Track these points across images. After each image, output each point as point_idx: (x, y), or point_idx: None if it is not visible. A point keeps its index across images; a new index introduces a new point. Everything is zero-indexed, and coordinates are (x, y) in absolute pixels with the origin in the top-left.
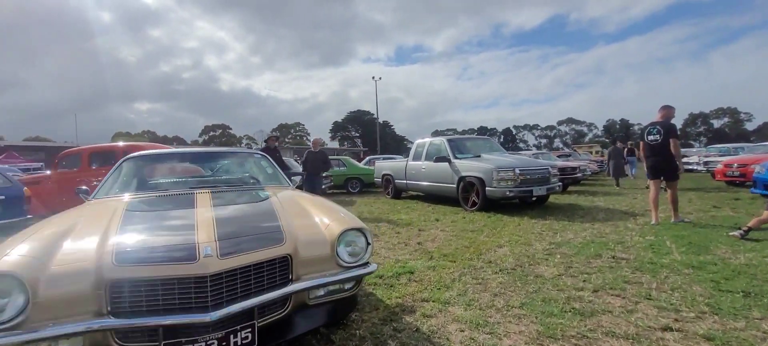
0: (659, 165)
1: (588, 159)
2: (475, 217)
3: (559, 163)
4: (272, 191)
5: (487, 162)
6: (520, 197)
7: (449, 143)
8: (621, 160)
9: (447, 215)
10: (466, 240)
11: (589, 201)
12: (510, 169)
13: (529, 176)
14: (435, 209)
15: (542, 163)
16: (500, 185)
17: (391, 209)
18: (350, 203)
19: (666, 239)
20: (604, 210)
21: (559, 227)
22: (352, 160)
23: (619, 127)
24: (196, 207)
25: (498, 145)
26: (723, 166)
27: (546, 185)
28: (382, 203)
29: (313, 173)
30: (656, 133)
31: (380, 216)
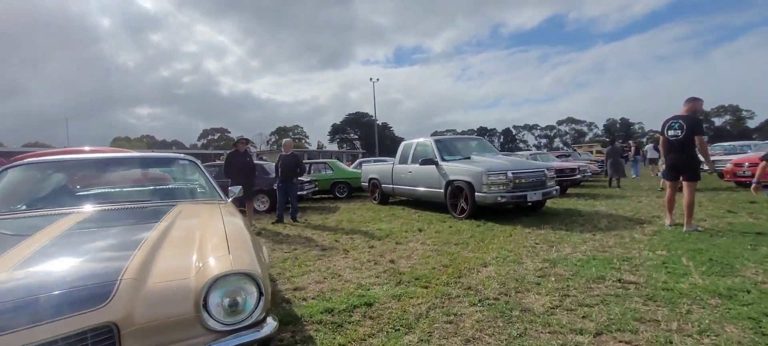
0: (680, 163)
1: (588, 159)
2: (463, 226)
3: (557, 164)
4: (179, 210)
5: (476, 164)
6: (513, 203)
7: (437, 144)
8: (619, 160)
9: (433, 223)
10: (447, 257)
11: (589, 205)
12: (501, 172)
13: (522, 179)
14: (421, 217)
15: (537, 165)
16: (491, 189)
17: (374, 216)
18: (333, 209)
19: (680, 253)
20: (607, 216)
21: (555, 238)
22: (338, 163)
23: (619, 126)
24: (30, 238)
25: (491, 145)
26: (732, 166)
27: (542, 189)
28: (366, 210)
29: (285, 179)
30: (678, 128)
31: (358, 226)
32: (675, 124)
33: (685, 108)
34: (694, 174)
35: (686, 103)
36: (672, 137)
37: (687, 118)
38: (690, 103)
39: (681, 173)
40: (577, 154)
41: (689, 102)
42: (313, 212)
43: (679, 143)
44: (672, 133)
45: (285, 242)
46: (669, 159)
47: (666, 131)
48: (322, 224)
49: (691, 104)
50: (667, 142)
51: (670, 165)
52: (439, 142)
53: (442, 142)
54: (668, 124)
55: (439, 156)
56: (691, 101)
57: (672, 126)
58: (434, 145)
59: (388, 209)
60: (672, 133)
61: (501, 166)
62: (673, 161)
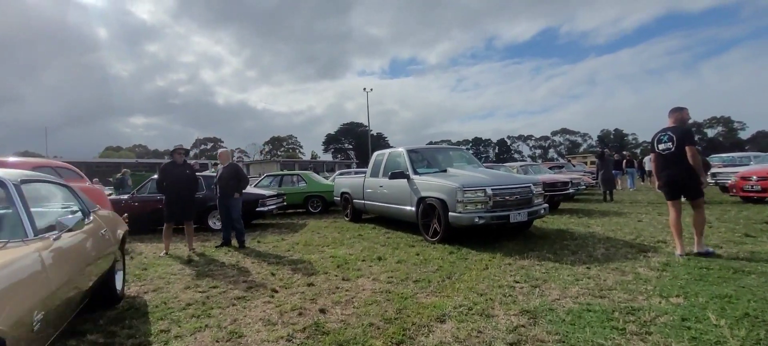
0: (676, 180)
1: (582, 171)
2: (432, 254)
3: (547, 177)
4: None
5: (451, 179)
6: (493, 224)
7: (409, 155)
8: (611, 173)
9: (399, 248)
10: (397, 303)
11: (583, 225)
12: (479, 188)
13: (505, 196)
14: (390, 239)
15: (523, 180)
16: (467, 209)
17: (337, 237)
18: (297, 228)
19: (703, 302)
20: (603, 241)
21: (540, 273)
22: (312, 175)
23: (613, 137)
24: None
25: (472, 157)
26: (739, 180)
27: (527, 207)
28: (333, 229)
29: (224, 194)
30: (667, 140)
31: (312, 251)
32: (664, 137)
33: (671, 119)
34: (696, 191)
35: (671, 114)
36: (664, 152)
37: (676, 130)
38: (675, 114)
39: (681, 191)
40: (571, 165)
41: (674, 112)
42: (274, 231)
43: (673, 157)
44: (663, 147)
45: (211, 274)
46: (663, 176)
47: (656, 146)
48: (273, 248)
49: (677, 114)
50: (659, 158)
51: (666, 182)
52: (412, 152)
53: (417, 153)
54: (657, 138)
55: (411, 168)
56: (676, 111)
57: (661, 139)
58: (406, 155)
59: (357, 228)
60: (663, 148)
61: (479, 182)
62: (669, 178)
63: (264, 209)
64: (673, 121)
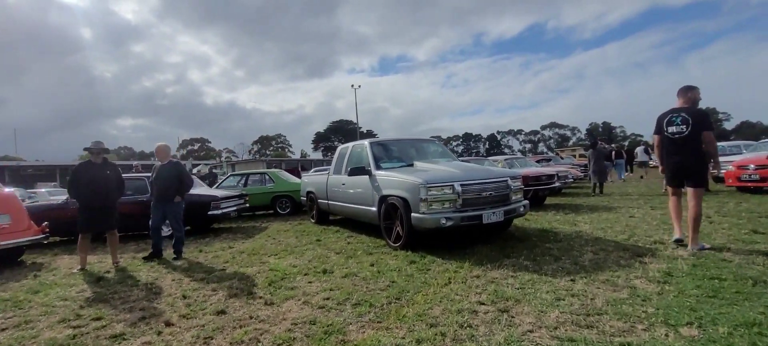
0: (685, 166)
1: (570, 164)
2: (390, 264)
3: (531, 170)
4: None
5: (415, 174)
6: (463, 226)
7: (372, 148)
8: (603, 164)
9: (354, 257)
10: (318, 341)
11: (569, 223)
12: (445, 183)
13: (477, 192)
14: (349, 245)
15: (498, 174)
16: (431, 209)
17: (292, 244)
18: (254, 232)
19: (725, 332)
20: (592, 242)
21: (513, 291)
22: (281, 174)
23: (601, 130)
24: None
25: (446, 149)
26: (735, 169)
27: (504, 205)
28: (293, 233)
29: (162, 197)
30: (681, 122)
31: (253, 262)
32: (677, 119)
33: (682, 99)
34: (701, 179)
35: (684, 93)
36: (675, 135)
37: (692, 111)
38: (689, 93)
39: (686, 177)
40: (558, 158)
41: (687, 92)
42: (226, 237)
43: (685, 142)
44: (675, 129)
45: (108, 298)
46: (672, 161)
47: (666, 128)
48: (213, 258)
49: (691, 94)
50: (669, 142)
51: (674, 168)
52: (376, 145)
53: (382, 146)
54: (668, 119)
55: (374, 163)
56: (688, 90)
57: (673, 121)
58: (369, 149)
59: (320, 231)
60: (675, 130)
61: (446, 176)
62: (678, 164)
63: (217, 213)
64: (684, 101)
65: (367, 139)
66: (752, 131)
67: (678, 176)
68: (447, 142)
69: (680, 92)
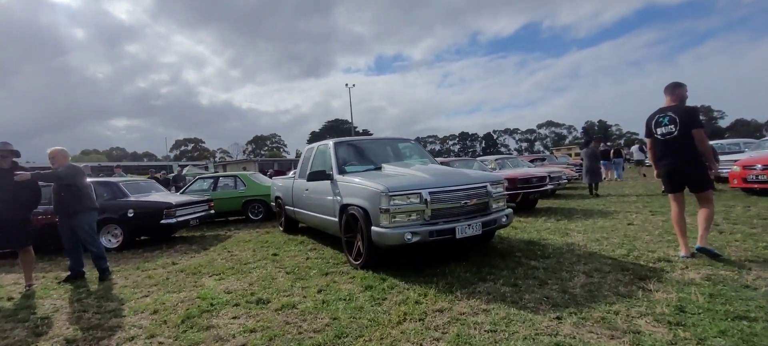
0: (680, 169)
1: (565, 163)
2: (343, 289)
3: (520, 172)
4: None
5: (379, 179)
6: (434, 242)
7: (336, 149)
8: (597, 165)
9: (306, 279)
10: None
11: (561, 231)
12: (411, 190)
13: (449, 201)
14: (308, 261)
15: (476, 179)
16: (394, 221)
17: (244, 259)
18: (212, 242)
19: None
20: (585, 259)
21: (479, 337)
22: (253, 177)
23: (597, 128)
24: None
25: (424, 150)
26: (740, 169)
27: (482, 215)
28: (252, 245)
29: (61, 211)
30: (668, 122)
31: (186, 285)
32: (664, 119)
33: (669, 98)
34: (704, 181)
35: (671, 91)
36: (664, 136)
37: (679, 110)
38: (676, 91)
39: (685, 182)
40: (553, 157)
41: (674, 89)
42: (179, 249)
43: (675, 143)
44: (663, 130)
45: None
46: (664, 165)
47: (654, 129)
48: (144, 279)
49: (678, 91)
50: (658, 144)
51: (667, 172)
52: (340, 145)
53: (346, 146)
54: (655, 120)
55: (336, 166)
56: (675, 88)
57: (661, 122)
58: (333, 149)
59: (283, 243)
60: (663, 132)
61: (413, 182)
62: (671, 167)
63: (171, 222)
64: (671, 99)
65: (332, 139)
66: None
67: (674, 180)
68: (443, 142)
69: (667, 90)
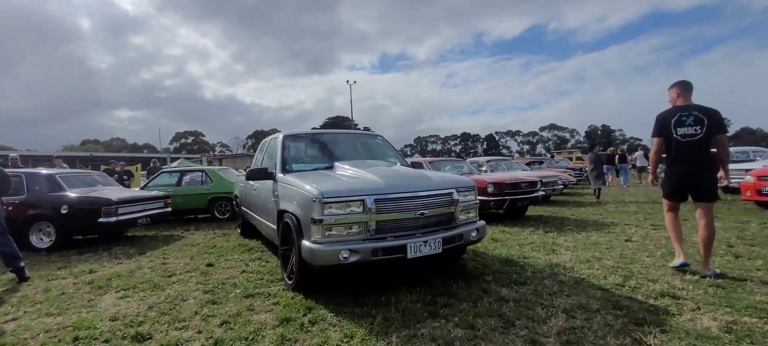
0: (694, 177)
1: (563, 167)
2: (252, 320)
3: (508, 176)
4: None
5: (317, 182)
6: (377, 262)
7: (285, 142)
8: (602, 169)
9: (217, 305)
10: None
11: (547, 247)
12: (352, 196)
13: (400, 211)
14: (238, 278)
15: (438, 183)
16: (328, 235)
17: (172, 270)
18: (154, 245)
19: None
20: (570, 289)
21: None
22: (222, 173)
23: (600, 133)
24: None
25: (392, 147)
26: (755, 180)
27: (445, 229)
28: (197, 251)
29: None
30: (695, 123)
31: (74, 303)
32: (688, 119)
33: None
34: (714, 192)
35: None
36: (688, 138)
37: (706, 110)
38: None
39: (696, 190)
40: (553, 161)
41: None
42: (117, 249)
43: (698, 147)
44: (687, 131)
45: None
46: (678, 171)
47: (674, 129)
48: (40, 293)
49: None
50: (678, 147)
51: (681, 179)
52: (291, 138)
53: (298, 140)
54: (677, 119)
55: (281, 163)
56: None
57: (684, 120)
58: (281, 143)
59: (229, 249)
60: (687, 132)
61: (355, 186)
62: (686, 174)
63: (110, 221)
64: (686, 99)
65: (282, 132)
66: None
67: (683, 189)
68: (445, 142)
69: (682, 87)
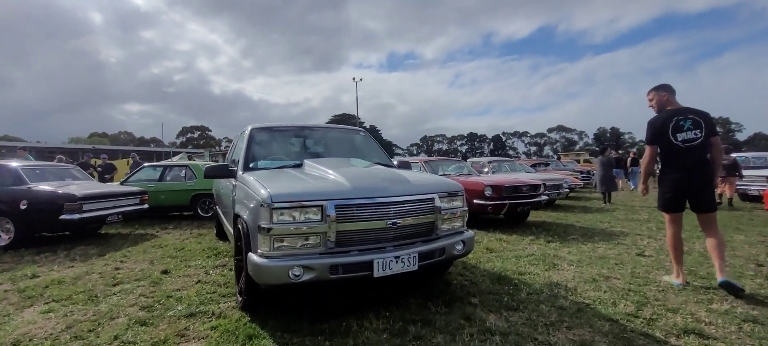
0: (694, 186)
1: (570, 170)
2: None
3: (509, 179)
4: None
5: (273, 183)
6: (336, 281)
7: (252, 136)
8: (612, 173)
9: (146, 325)
10: None
11: (547, 261)
12: (307, 201)
13: (366, 220)
14: (200, 285)
15: (417, 187)
16: (279, 247)
17: (122, 278)
18: (124, 243)
19: None
20: (571, 317)
21: None
22: None
23: (609, 135)
24: None
25: (377, 145)
26: None
27: (422, 242)
28: (160, 254)
29: None
30: (692, 126)
31: (1, 316)
32: (686, 123)
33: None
34: (715, 202)
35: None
36: (688, 143)
37: (701, 113)
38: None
39: (696, 200)
40: (559, 163)
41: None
42: (81, 249)
43: (698, 152)
44: (685, 136)
45: None
46: (678, 178)
47: (672, 134)
48: None
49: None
50: (677, 153)
51: (679, 187)
52: (260, 132)
53: (270, 134)
54: (675, 123)
55: (244, 160)
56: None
57: (682, 125)
58: (247, 137)
59: (196, 253)
60: (686, 137)
61: (314, 189)
62: (686, 182)
63: (73, 218)
64: (674, 103)
65: (251, 125)
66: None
67: (681, 198)
68: (451, 142)
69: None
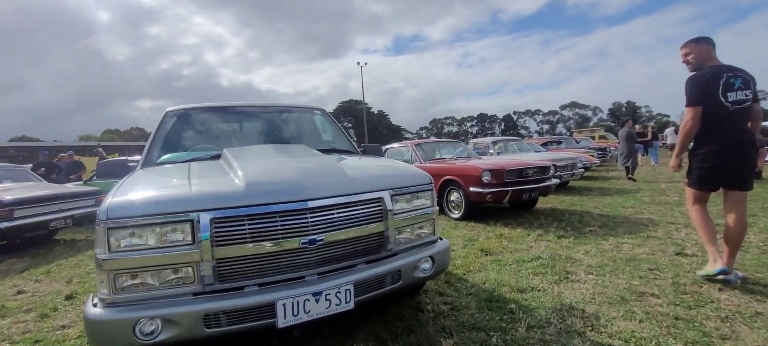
0: (738, 158)
1: (585, 147)
2: None
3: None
4: None
5: (130, 187)
6: (217, 338)
7: (165, 121)
8: (634, 147)
9: None
10: None
11: (558, 266)
12: (168, 213)
13: (267, 238)
14: None
15: (358, 180)
16: (122, 290)
17: (29, 300)
18: (65, 252)
19: None
20: None
21: None
22: None
23: (625, 110)
24: None
25: (330, 126)
26: None
27: (363, 267)
28: (74, 268)
29: None
30: (744, 86)
31: None
32: (736, 81)
33: (713, 55)
34: (752, 179)
35: (712, 46)
36: (737, 105)
37: (749, 75)
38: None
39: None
40: (573, 141)
41: (712, 45)
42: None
43: (744, 118)
44: (736, 97)
45: None
46: (721, 149)
47: (723, 94)
48: None
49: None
50: (726, 117)
51: (719, 161)
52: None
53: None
54: (725, 81)
55: (147, 152)
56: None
57: (732, 83)
58: (158, 124)
59: None
60: (737, 99)
61: (181, 194)
62: (727, 154)
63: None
64: (714, 60)
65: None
66: None
67: (721, 175)
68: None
69: (709, 43)
